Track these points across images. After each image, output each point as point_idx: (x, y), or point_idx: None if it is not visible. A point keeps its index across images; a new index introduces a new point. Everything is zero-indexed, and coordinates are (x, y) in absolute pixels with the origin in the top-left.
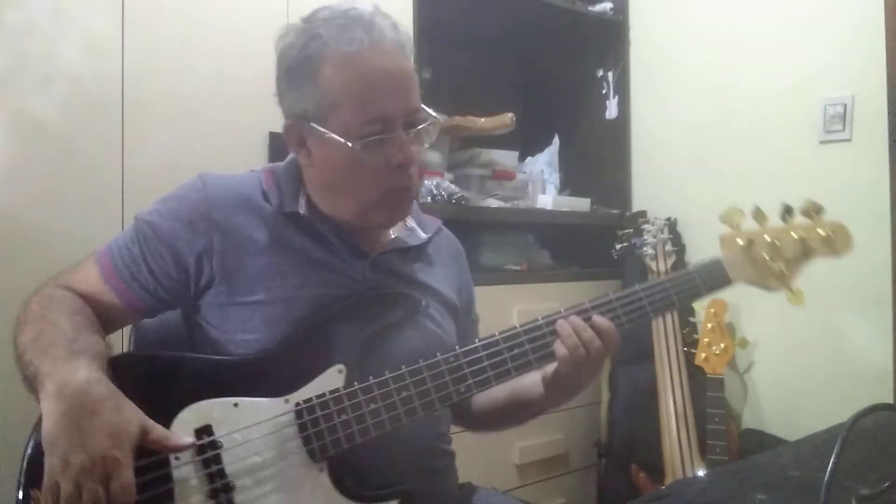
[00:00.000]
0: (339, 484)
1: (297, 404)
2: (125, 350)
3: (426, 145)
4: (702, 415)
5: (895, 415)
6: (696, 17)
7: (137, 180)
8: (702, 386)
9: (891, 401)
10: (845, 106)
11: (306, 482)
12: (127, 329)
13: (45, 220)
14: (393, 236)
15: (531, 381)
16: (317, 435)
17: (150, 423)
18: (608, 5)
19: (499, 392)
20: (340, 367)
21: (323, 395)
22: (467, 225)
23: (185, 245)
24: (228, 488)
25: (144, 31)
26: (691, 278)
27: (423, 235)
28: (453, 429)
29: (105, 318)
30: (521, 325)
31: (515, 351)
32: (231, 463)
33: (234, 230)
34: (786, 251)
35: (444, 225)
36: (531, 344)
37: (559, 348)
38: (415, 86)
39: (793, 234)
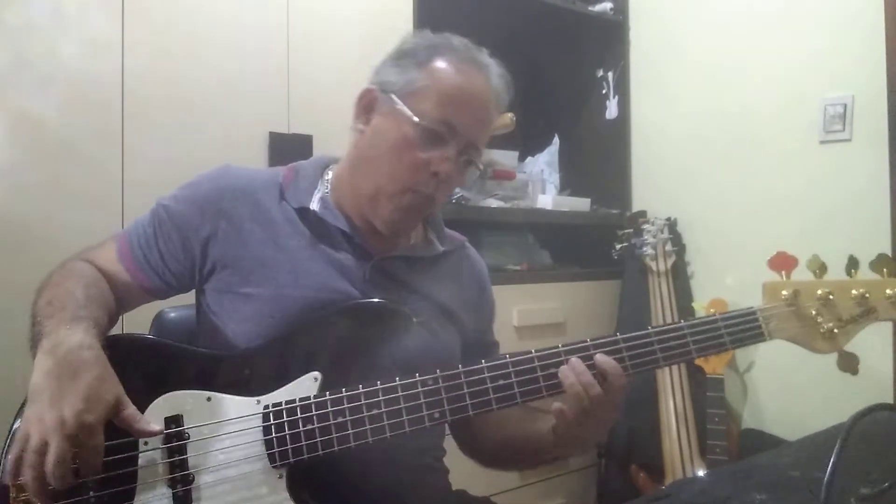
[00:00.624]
0: (296, 494)
1: (266, 407)
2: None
3: (460, 184)
4: (702, 415)
5: (895, 415)
6: (696, 16)
7: (137, 180)
8: (702, 386)
9: (891, 401)
10: (845, 106)
11: (263, 486)
12: (128, 317)
13: (45, 219)
14: (412, 242)
15: (545, 427)
16: (279, 440)
17: (127, 400)
18: (608, 5)
19: (512, 431)
20: (316, 374)
21: (293, 401)
22: (467, 225)
23: (193, 230)
24: (187, 480)
25: (144, 31)
26: (715, 328)
27: (439, 248)
28: None
29: (119, 295)
30: (510, 356)
31: (500, 382)
32: (195, 455)
33: (240, 220)
34: (841, 309)
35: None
36: (518, 377)
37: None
38: (488, 132)
39: (853, 290)
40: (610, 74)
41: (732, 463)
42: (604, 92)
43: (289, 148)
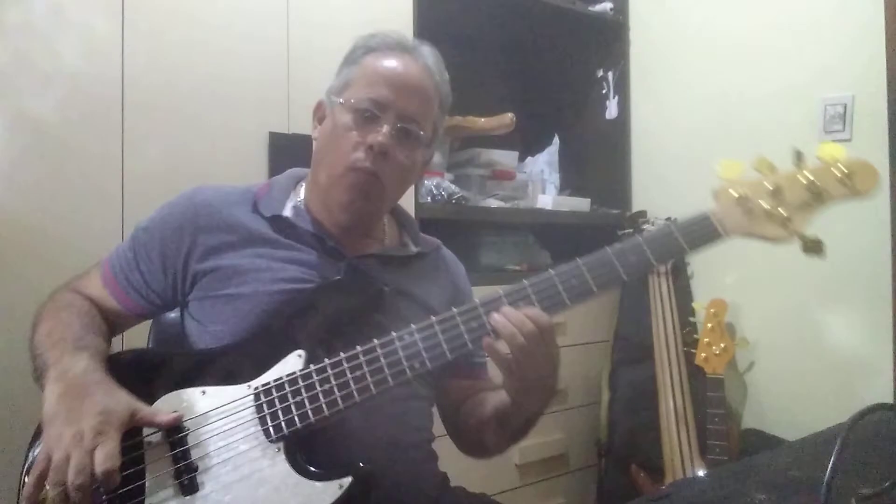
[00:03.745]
0: (296, 463)
1: (256, 388)
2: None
3: (404, 157)
4: (702, 415)
5: (895, 415)
6: (696, 16)
7: (137, 181)
8: (702, 386)
9: (891, 401)
10: (845, 106)
11: (264, 462)
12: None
13: (45, 220)
14: (385, 243)
15: (503, 395)
16: (272, 415)
17: (139, 405)
18: (608, 5)
19: (485, 411)
20: (300, 352)
21: (280, 378)
22: (467, 225)
23: (173, 249)
24: (191, 469)
25: (144, 31)
26: (669, 233)
27: (413, 249)
28: None
29: (110, 320)
30: (479, 300)
31: (472, 325)
32: (195, 445)
33: (216, 232)
34: (791, 197)
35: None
36: (488, 318)
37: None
38: (422, 102)
39: (800, 178)
40: (610, 74)
41: (732, 463)
42: (604, 92)
43: (289, 148)
